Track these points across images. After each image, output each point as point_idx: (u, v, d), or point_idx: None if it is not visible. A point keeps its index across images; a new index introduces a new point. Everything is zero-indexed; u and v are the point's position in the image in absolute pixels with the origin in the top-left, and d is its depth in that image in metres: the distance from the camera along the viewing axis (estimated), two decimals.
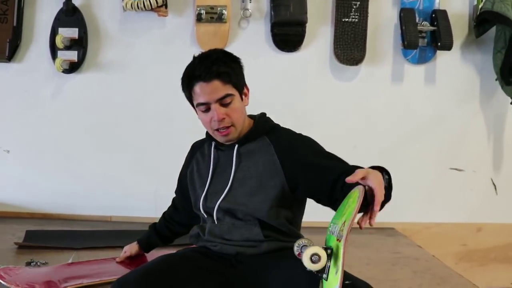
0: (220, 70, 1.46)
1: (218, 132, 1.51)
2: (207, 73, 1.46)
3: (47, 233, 2.55)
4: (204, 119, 1.52)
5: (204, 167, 1.62)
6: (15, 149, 2.96)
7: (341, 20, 2.88)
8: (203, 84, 1.47)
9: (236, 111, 1.50)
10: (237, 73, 1.52)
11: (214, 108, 1.47)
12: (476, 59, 3.01)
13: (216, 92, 1.46)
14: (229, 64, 1.50)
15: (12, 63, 2.90)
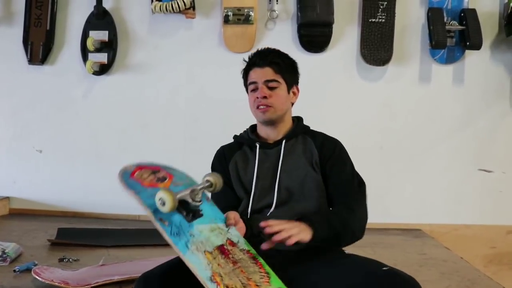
0: (273, 60, 1.62)
1: (258, 110, 1.61)
2: (261, 60, 1.62)
3: (78, 231, 2.61)
4: (250, 99, 1.64)
5: (249, 166, 1.65)
6: (47, 149, 3.04)
7: (367, 21, 2.87)
8: (257, 69, 1.62)
9: (279, 96, 1.61)
10: (288, 68, 1.65)
11: (260, 87, 1.60)
12: (506, 58, 2.96)
13: (266, 75, 1.61)
14: (283, 59, 1.65)
15: (45, 65, 2.99)
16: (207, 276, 1.23)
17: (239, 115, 1.77)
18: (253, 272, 1.29)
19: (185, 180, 1.44)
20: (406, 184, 2.97)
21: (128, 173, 1.46)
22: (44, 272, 1.80)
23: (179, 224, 1.30)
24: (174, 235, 1.27)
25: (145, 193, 1.36)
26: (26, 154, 3.04)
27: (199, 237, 1.29)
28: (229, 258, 1.30)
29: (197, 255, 1.26)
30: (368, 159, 2.55)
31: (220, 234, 1.34)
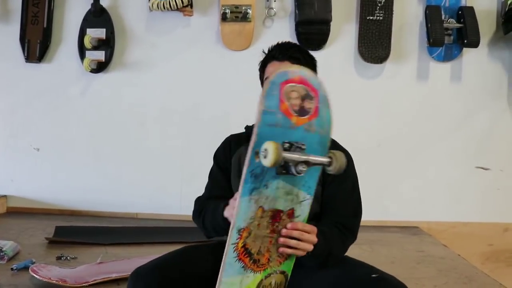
0: (293, 55, 1.54)
1: None
2: (280, 53, 1.54)
3: (76, 229, 2.61)
4: None
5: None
6: (44, 147, 3.03)
7: (365, 18, 2.87)
8: (276, 63, 1.54)
9: None
10: (308, 65, 1.52)
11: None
12: (504, 56, 2.97)
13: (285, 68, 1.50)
14: (303, 55, 1.57)
15: (42, 63, 2.98)
16: (239, 226, 1.21)
17: (237, 113, 1.76)
18: (275, 251, 1.27)
19: (322, 132, 1.25)
20: (403, 182, 2.97)
21: (278, 82, 1.20)
22: (41, 270, 1.80)
23: (265, 169, 1.18)
24: (252, 175, 1.18)
25: (272, 116, 1.17)
26: (24, 152, 3.03)
27: (269, 192, 1.21)
28: (273, 224, 1.24)
29: (250, 205, 1.20)
30: (365, 157, 2.55)
31: (291, 202, 1.25)
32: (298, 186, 1.23)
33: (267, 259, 1.25)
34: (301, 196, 1.25)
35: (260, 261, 1.25)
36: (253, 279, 1.26)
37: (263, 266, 1.26)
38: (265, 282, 1.27)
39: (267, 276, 1.27)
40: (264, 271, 1.26)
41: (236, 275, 1.24)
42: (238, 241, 1.22)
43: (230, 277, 1.24)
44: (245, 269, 1.24)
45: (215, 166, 1.65)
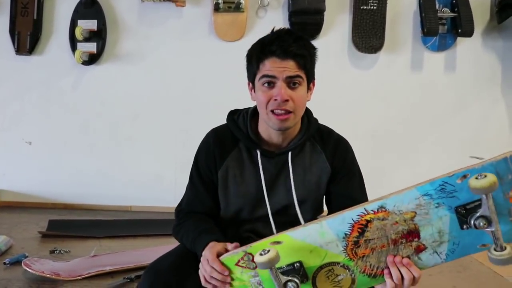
0: (298, 52, 1.32)
1: (274, 115, 1.33)
2: (283, 51, 1.31)
3: (69, 223, 2.59)
4: (262, 97, 1.34)
5: (245, 175, 1.43)
6: (36, 141, 3.01)
7: (359, 8, 2.85)
8: (276, 60, 1.31)
9: (301, 97, 1.34)
10: (312, 61, 1.38)
11: (280, 86, 1.31)
12: (497, 45, 2.96)
13: (288, 70, 1.31)
14: (308, 49, 1.35)
15: (33, 55, 2.95)
16: (385, 203, 1.14)
17: (230, 104, 1.72)
18: (374, 257, 1.15)
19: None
20: (398, 172, 2.97)
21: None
22: (34, 264, 1.79)
23: (453, 194, 1.10)
24: (443, 185, 1.10)
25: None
26: (15, 146, 3.01)
27: (432, 213, 1.11)
28: (401, 238, 1.13)
29: (412, 201, 1.11)
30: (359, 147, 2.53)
31: (431, 241, 1.13)
32: (451, 238, 1.12)
33: (363, 254, 1.16)
34: (442, 247, 1.14)
35: (359, 249, 1.15)
36: (336, 253, 1.16)
37: (354, 256, 1.15)
38: (336, 268, 1.17)
39: (344, 266, 1.16)
40: (349, 260, 1.16)
41: (334, 233, 1.15)
42: (371, 212, 1.13)
43: (330, 229, 1.15)
44: (344, 238, 1.14)
45: (196, 177, 1.46)
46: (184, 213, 1.46)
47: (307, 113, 1.48)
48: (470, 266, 2.11)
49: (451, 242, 1.12)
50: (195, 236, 1.33)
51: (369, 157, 2.87)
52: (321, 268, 1.17)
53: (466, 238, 1.11)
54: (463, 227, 1.10)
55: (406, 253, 1.13)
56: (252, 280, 1.18)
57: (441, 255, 1.13)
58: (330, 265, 1.16)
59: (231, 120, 1.47)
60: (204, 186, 1.45)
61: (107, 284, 1.73)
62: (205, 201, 1.45)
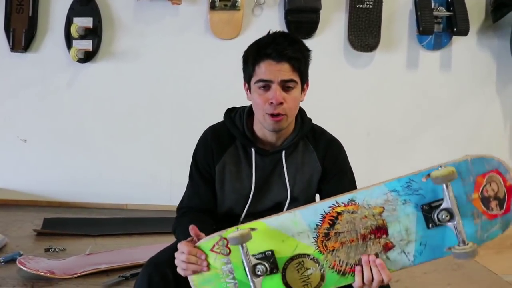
0: (293, 55, 1.37)
1: (269, 117, 1.38)
2: (279, 54, 1.35)
3: (64, 221, 2.59)
4: (258, 99, 1.39)
5: (241, 171, 1.48)
6: (32, 138, 3.00)
7: (355, 7, 2.86)
8: (272, 63, 1.36)
9: (294, 100, 1.40)
10: (306, 64, 1.43)
11: (274, 89, 1.36)
12: (493, 44, 2.97)
13: (282, 74, 1.36)
14: (303, 52, 1.41)
15: (28, 53, 2.94)
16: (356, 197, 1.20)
17: (226, 102, 1.73)
18: (343, 252, 1.19)
19: (491, 229, 1.20)
20: (393, 170, 2.95)
21: (484, 167, 1.20)
22: (29, 262, 1.78)
23: (419, 191, 1.18)
24: (409, 183, 1.20)
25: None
26: (11, 144, 3.00)
27: (399, 209, 1.18)
28: (370, 233, 1.18)
29: (380, 198, 1.19)
30: (355, 146, 2.55)
31: (399, 239, 1.18)
32: (418, 238, 1.18)
33: (333, 248, 1.19)
34: (409, 247, 1.18)
35: (329, 241, 1.19)
36: (307, 244, 1.20)
37: (324, 249, 1.19)
38: (306, 261, 1.20)
39: (314, 259, 1.20)
40: (319, 253, 1.19)
41: (306, 224, 1.20)
42: (342, 205, 1.19)
43: (302, 219, 1.20)
44: (315, 229, 1.19)
45: (195, 172, 1.51)
46: (183, 211, 1.51)
47: (301, 113, 1.53)
48: (464, 264, 2.12)
49: (418, 242, 1.17)
50: (185, 237, 1.34)
51: (364, 156, 2.89)
52: (292, 260, 1.20)
53: (432, 239, 1.17)
54: (428, 225, 1.17)
55: (375, 250, 1.18)
56: (224, 268, 1.21)
57: (409, 256, 1.18)
58: (301, 257, 1.20)
59: (228, 117, 1.51)
60: (203, 182, 1.50)
61: (102, 282, 1.73)
62: (205, 196, 1.50)
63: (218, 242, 1.22)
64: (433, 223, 1.16)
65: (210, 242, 1.23)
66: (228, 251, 1.21)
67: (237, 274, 1.21)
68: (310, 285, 1.20)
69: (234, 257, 1.20)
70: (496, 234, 1.20)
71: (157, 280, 1.29)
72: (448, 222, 1.14)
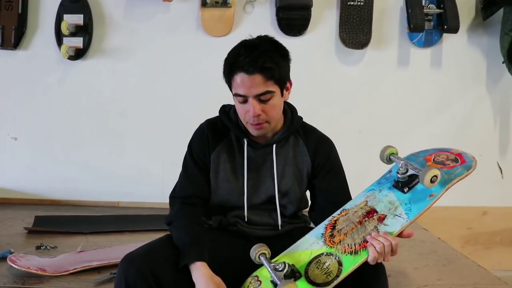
0: (265, 65, 1.38)
1: (251, 125, 1.46)
2: (250, 66, 1.37)
3: (56, 218, 2.58)
4: (239, 110, 1.47)
5: (235, 162, 1.54)
6: (22, 137, 2.98)
7: (346, 4, 2.86)
8: (245, 76, 1.39)
9: (273, 108, 1.44)
10: (282, 69, 1.44)
11: (251, 103, 1.41)
12: (482, 42, 2.99)
13: (256, 87, 1.39)
14: (276, 59, 1.42)
15: (18, 50, 2.91)
16: (345, 207, 1.46)
17: (218, 99, 1.73)
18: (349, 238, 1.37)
19: (445, 177, 1.47)
20: (384, 167, 2.98)
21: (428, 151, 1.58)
22: (20, 259, 1.77)
23: (387, 182, 1.49)
24: (379, 182, 1.51)
25: (415, 157, 1.57)
26: (1, 142, 2.97)
27: (379, 195, 1.45)
28: (364, 218, 1.40)
29: (362, 198, 1.47)
30: (347, 143, 2.56)
31: (388, 210, 1.40)
32: (401, 202, 1.41)
33: (339, 240, 1.36)
34: (398, 210, 1.39)
35: (335, 238, 1.38)
36: (319, 248, 1.38)
37: (333, 244, 1.37)
38: (322, 258, 1.35)
39: (328, 253, 1.35)
40: (329, 248, 1.36)
41: (314, 236, 1.42)
42: (337, 215, 1.45)
43: (310, 236, 1.43)
44: (322, 236, 1.41)
45: (190, 160, 1.57)
46: (179, 202, 1.54)
47: (291, 109, 1.59)
48: (455, 260, 2.14)
49: (403, 203, 1.40)
50: (187, 243, 1.42)
51: (356, 153, 2.90)
52: (310, 263, 1.36)
53: (413, 196, 1.41)
54: (403, 190, 1.43)
55: (372, 224, 1.38)
56: None
57: (402, 216, 1.38)
58: (317, 258, 1.37)
59: (223, 111, 1.59)
60: (197, 169, 1.55)
61: (93, 279, 1.73)
62: (198, 183, 1.55)
63: (251, 281, 1.38)
64: (405, 185, 1.43)
65: (245, 286, 1.40)
66: (259, 283, 1.37)
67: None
68: (332, 273, 1.33)
69: (265, 285, 1.36)
70: (461, 173, 1.48)
71: (133, 274, 1.32)
72: (407, 172, 1.42)
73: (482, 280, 1.90)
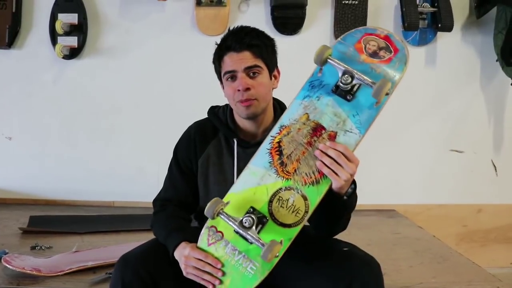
0: (252, 42, 1.44)
1: (240, 103, 1.44)
2: (238, 43, 1.43)
3: (51, 218, 2.57)
4: (229, 91, 1.47)
5: (224, 163, 1.52)
6: (17, 136, 2.97)
7: (341, 2, 2.87)
8: (233, 54, 1.44)
9: (262, 85, 1.46)
10: (269, 50, 1.49)
11: (240, 77, 1.43)
12: (476, 40, 3.00)
13: (245, 61, 1.43)
14: (262, 39, 1.48)
15: (12, 49, 2.90)
16: (283, 123, 1.32)
17: (212, 97, 1.74)
18: (304, 165, 1.27)
19: (386, 76, 1.33)
20: (379, 166, 2.99)
21: (364, 31, 1.37)
22: (14, 260, 1.77)
23: (322, 84, 1.32)
24: (310, 85, 1.33)
25: (344, 47, 1.35)
26: None
27: (318, 105, 1.30)
28: (312, 137, 1.29)
29: (299, 108, 1.32)
30: None
31: (336, 125, 1.29)
32: (347, 113, 1.28)
33: (293, 169, 1.27)
34: (348, 125, 1.28)
35: (287, 166, 1.28)
36: (273, 181, 1.28)
37: (288, 175, 1.27)
38: (283, 194, 1.27)
39: (287, 188, 1.27)
40: (286, 181, 1.27)
41: (261, 167, 1.30)
42: (276, 135, 1.31)
43: (256, 166, 1.31)
44: (271, 165, 1.29)
45: (174, 165, 1.56)
46: (159, 204, 1.55)
47: (280, 104, 1.58)
48: (450, 257, 2.15)
49: (351, 115, 1.29)
50: (166, 234, 1.41)
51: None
52: (271, 202, 1.27)
53: (358, 107, 1.29)
54: (347, 98, 1.29)
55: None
56: (227, 250, 1.26)
57: (353, 131, 1.28)
58: (276, 194, 1.27)
59: (211, 113, 1.59)
60: (181, 174, 1.54)
61: (89, 279, 1.73)
62: (181, 188, 1.54)
63: (209, 233, 1.27)
64: (348, 94, 1.29)
65: (204, 239, 1.28)
66: (220, 235, 1.26)
67: (239, 247, 1.25)
68: (300, 211, 1.26)
69: (227, 235, 1.26)
70: (401, 68, 1.34)
71: (129, 276, 1.31)
72: (352, 80, 1.26)
73: (476, 277, 1.91)
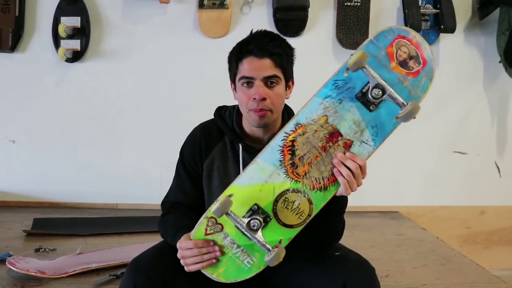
0: (274, 50, 1.39)
1: (253, 112, 1.40)
2: (260, 49, 1.38)
3: (54, 221, 2.58)
4: (242, 96, 1.41)
5: (228, 167, 1.48)
6: (20, 139, 2.98)
7: (343, 4, 2.87)
8: (254, 59, 1.38)
9: (278, 96, 1.41)
10: (289, 60, 1.45)
11: (257, 85, 1.38)
12: (479, 41, 3.00)
13: (265, 70, 1.38)
14: (284, 48, 1.43)
15: (15, 53, 2.91)
16: (299, 120, 1.28)
17: (215, 100, 1.73)
18: (315, 170, 1.26)
19: (412, 92, 1.30)
20: (382, 168, 2.99)
21: (397, 33, 1.30)
22: (19, 262, 1.77)
23: (347, 86, 1.28)
24: (334, 83, 1.29)
25: (376, 49, 1.28)
26: None
27: (340, 108, 1.27)
28: (328, 142, 1.26)
29: (319, 107, 1.29)
30: None
31: (353, 133, 1.26)
32: (367, 124, 1.26)
33: (304, 172, 1.25)
34: (365, 136, 1.26)
35: (298, 168, 1.26)
36: (282, 181, 1.26)
37: (297, 177, 1.26)
38: (289, 196, 1.26)
39: (295, 190, 1.25)
40: (295, 183, 1.26)
41: (271, 164, 1.27)
42: (291, 132, 1.27)
43: (265, 162, 1.27)
44: (281, 164, 1.26)
45: (182, 168, 1.53)
46: (168, 206, 1.53)
47: (288, 110, 1.54)
48: (453, 259, 2.15)
49: (370, 127, 1.27)
50: (174, 233, 1.38)
51: None
52: (276, 202, 1.26)
53: (380, 118, 1.26)
54: (370, 109, 1.26)
55: (338, 152, 1.26)
56: (225, 242, 1.26)
57: (369, 143, 1.27)
58: (282, 195, 1.26)
59: (218, 114, 1.54)
60: (188, 177, 1.51)
61: (92, 281, 1.73)
62: (189, 191, 1.51)
63: (208, 224, 1.27)
64: (372, 104, 1.25)
65: (201, 228, 1.27)
66: (220, 227, 1.26)
67: (239, 241, 1.25)
68: (303, 213, 1.26)
69: (228, 228, 1.26)
70: (426, 86, 1.32)
71: (142, 280, 1.29)
72: (383, 96, 1.23)
73: (480, 279, 1.91)
